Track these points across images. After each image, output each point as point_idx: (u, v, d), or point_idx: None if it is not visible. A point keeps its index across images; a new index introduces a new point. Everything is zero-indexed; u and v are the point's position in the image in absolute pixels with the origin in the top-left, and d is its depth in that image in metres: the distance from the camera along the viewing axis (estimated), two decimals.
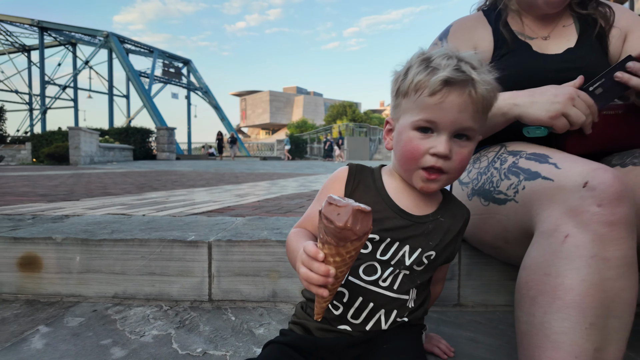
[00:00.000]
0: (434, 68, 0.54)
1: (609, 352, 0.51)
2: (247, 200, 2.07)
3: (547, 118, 0.70)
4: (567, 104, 0.69)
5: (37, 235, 1.03)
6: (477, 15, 1.00)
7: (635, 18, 0.94)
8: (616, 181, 0.54)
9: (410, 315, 0.61)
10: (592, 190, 0.54)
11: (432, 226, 0.61)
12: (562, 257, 0.54)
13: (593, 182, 0.55)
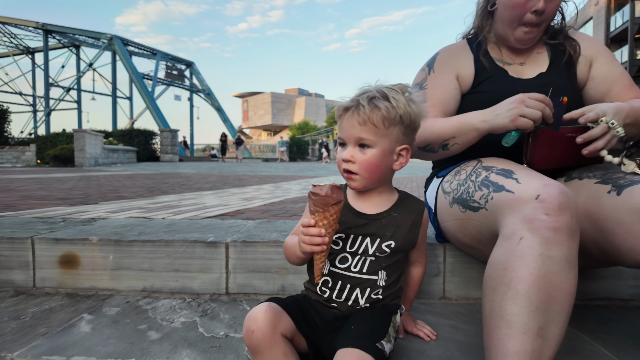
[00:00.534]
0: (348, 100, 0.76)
1: (550, 330, 0.65)
2: (254, 204, 2.21)
3: (510, 122, 0.83)
4: (520, 106, 0.83)
5: (74, 236, 1.17)
6: (461, 44, 1.14)
7: (599, 47, 1.08)
8: (561, 195, 0.68)
9: (385, 292, 0.76)
10: (542, 202, 0.68)
11: (386, 221, 0.77)
12: (517, 255, 0.67)
13: (543, 195, 0.69)
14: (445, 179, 1.01)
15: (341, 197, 0.66)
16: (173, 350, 0.81)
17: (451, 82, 1.08)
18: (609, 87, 1.02)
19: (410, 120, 0.74)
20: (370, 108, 0.72)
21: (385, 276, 0.77)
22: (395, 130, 0.74)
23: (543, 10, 0.96)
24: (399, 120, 0.73)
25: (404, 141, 0.76)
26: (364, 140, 0.73)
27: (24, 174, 6.62)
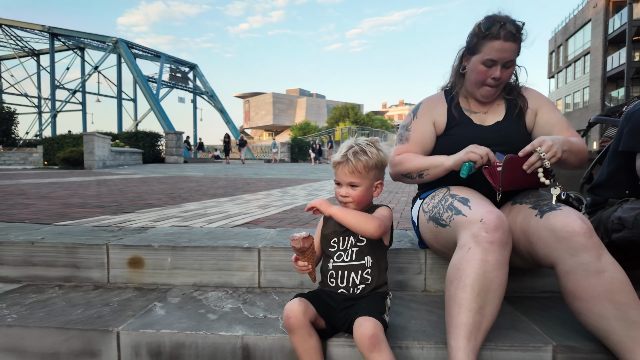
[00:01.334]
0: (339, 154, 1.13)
1: (487, 309, 0.98)
2: (270, 212, 2.54)
3: (464, 155, 1.16)
4: (472, 147, 1.16)
5: (138, 243, 1.51)
6: (439, 95, 1.48)
7: (542, 100, 1.42)
8: (497, 219, 1.02)
9: (372, 273, 1.09)
10: (484, 224, 1.02)
11: None
12: (466, 259, 1.01)
13: (485, 219, 1.02)
14: (424, 201, 1.35)
15: (310, 243, 1.07)
16: (229, 326, 1.15)
17: (428, 128, 1.41)
18: (550, 130, 1.35)
19: (381, 164, 1.14)
20: (355, 162, 1.09)
21: (371, 260, 1.11)
22: (372, 172, 1.11)
23: (500, 77, 1.29)
24: (374, 166, 1.11)
25: (378, 177, 1.14)
26: (353, 182, 1.11)
27: (40, 178, 6.96)
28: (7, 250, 1.54)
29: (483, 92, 1.35)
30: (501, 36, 1.25)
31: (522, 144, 1.20)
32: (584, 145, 1.28)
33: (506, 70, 1.30)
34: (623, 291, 0.97)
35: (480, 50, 1.29)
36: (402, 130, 1.47)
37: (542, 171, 1.15)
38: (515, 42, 1.27)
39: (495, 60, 1.27)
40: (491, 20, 1.27)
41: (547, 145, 1.12)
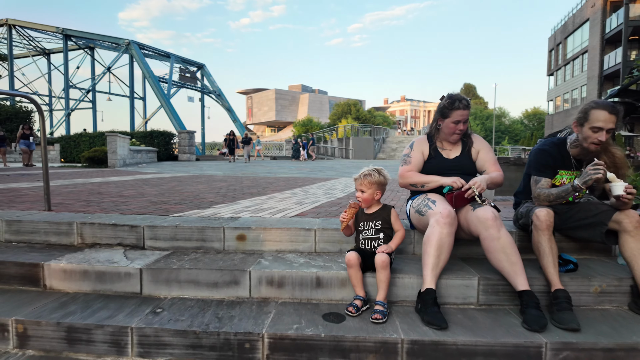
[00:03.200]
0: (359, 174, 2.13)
1: (441, 257, 1.97)
2: (306, 208, 3.54)
3: (451, 181, 2.15)
4: (455, 178, 2.15)
5: (241, 226, 2.51)
6: (424, 137, 2.47)
7: (482, 143, 2.40)
8: (448, 212, 2.02)
9: (385, 242, 2.09)
10: (441, 214, 2.02)
11: (375, 216, 2.11)
12: (432, 232, 2.00)
13: (441, 211, 2.02)
14: (413, 201, 2.34)
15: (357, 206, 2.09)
16: (306, 268, 2.14)
17: (420, 156, 2.40)
18: (483, 165, 2.35)
19: (380, 183, 2.10)
20: (364, 179, 2.09)
21: (383, 235, 2.10)
22: (374, 186, 2.09)
23: (463, 129, 2.28)
24: (375, 183, 2.08)
25: (378, 190, 2.11)
26: (363, 190, 2.09)
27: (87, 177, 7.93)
28: (160, 231, 2.54)
29: (453, 138, 2.34)
30: (460, 107, 2.25)
31: (470, 170, 2.21)
32: (500, 177, 2.27)
33: (464, 124, 2.29)
34: (509, 248, 1.96)
35: (450, 116, 2.28)
36: (405, 157, 2.45)
37: (477, 196, 2.14)
38: (467, 109, 2.25)
39: (459, 120, 2.27)
40: (453, 98, 2.26)
41: (477, 184, 2.11)
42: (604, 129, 2.00)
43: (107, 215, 2.90)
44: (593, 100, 2.12)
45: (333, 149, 30.03)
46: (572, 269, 2.17)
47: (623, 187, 1.94)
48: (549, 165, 2.20)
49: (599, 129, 2.00)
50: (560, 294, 1.92)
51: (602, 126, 2.00)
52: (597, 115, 2.01)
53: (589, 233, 2.16)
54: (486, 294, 2.07)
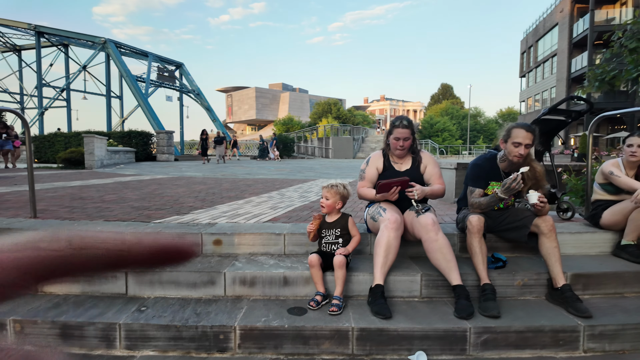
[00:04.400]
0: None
1: (389, 257, 2.32)
2: (279, 212, 3.84)
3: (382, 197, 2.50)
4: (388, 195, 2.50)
5: (217, 232, 2.79)
6: (379, 153, 2.81)
7: (429, 159, 2.76)
8: (395, 218, 2.36)
9: (343, 246, 2.43)
10: (389, 220, 2.36)
11: (335, 224, 2.45)
12: (381, 236, 2.35)
13: (390, 218, 2.37)
14: (369, 209, 2.68)
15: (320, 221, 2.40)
16: (275, 269, 2.45)
17: (374, 171, 2.74)
18: (430, 178, 2.71)
19: (343, 195, 2.44)
20: (331, 190, 2.40)
21: (341, 241, 2.44)
22: (337, 196, 2.42)
23: (403, 145, 2.63)
24: (339, 194, 2.41)
25: (340, 201, 2.44)
26: (328, 197, 2.42)
27: (65, 180, 7.98)
28: None
29: (397, 153, 2.69)
30: (400, 126, 2.60)
31: (419, 182, 2.57)
32: (441, 190, 2.64)
33: (406, 141, 2.64)
34: (445, 249, 2.32)
35: (393, 133, 2.63)
36: (361, 172, 2.78)
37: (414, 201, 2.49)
38: (407, 128, 2.61)
39: (399, 137, 2.62)
40: (396, 119, 2.62)
41: (417, 191, 2.47)
42: (523, 144, 2.42)
43: (93, 222, 3.13)
44: (514, 122, 2.54)
45: (313, 148, 30.34)
46: (501, 266, 2.55)
47: (537, 197, 2.33)
48: (482, 177, 2.58)
49: (519, 144, 2.42)
50: (487, 287, 2.29)
51: (521, 142, 2.42)
52: (516, 133, 2.42)
53: (515, 235, 2.55)
54: (428, 288, 2.43)
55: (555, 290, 2.36)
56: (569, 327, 2.10)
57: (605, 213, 2.87)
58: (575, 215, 3.40)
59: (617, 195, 2.89)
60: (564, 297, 2.30)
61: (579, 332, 2.09)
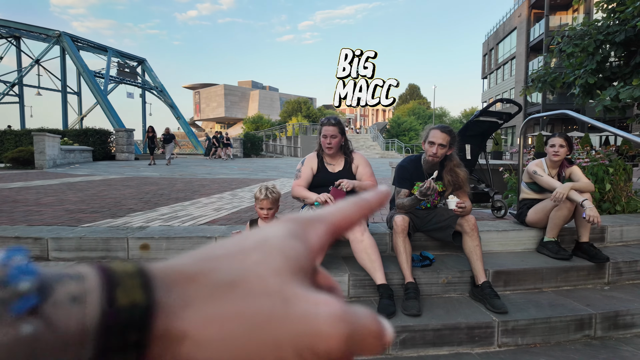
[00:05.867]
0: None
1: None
2: (222, 214, 3.77)
3: (316, 198, 2.50)
4: (324, 197, 2.49)
5: (146, 236, 2.70)
6: (314, 154, 2.80)
7: (361, 159, 2.78)
8: None
9: None
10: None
11: None
12: None
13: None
14: (302, 210, 2.67)
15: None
16: None
17: (309, 171, 2.73)
18: (361, 177, 2.73)
19: (277, 199, 2.38)
20: (270, 197, 2.34)
21: None
22: (277, 203, 2.38)
23: (331, 143, 2.63)
24: (277, 199, 2.36)
25: (276, 205, 2.40)
26: (270, 207, 2.34)
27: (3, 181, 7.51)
28: (65, 242, 2.66)
29: (327, 152, 2.70)
30: (326, 124, 2.62)
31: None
32: (370, 186, 2.66)
33: (333, 139, 2.65)
34: (370, 249, 2.35)
35: (321, 132, 2.64)
36: (297, 171, 2.77)
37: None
38: (334, 126, 2.62)
39: (327, 135, 2.62)
40: (324, 118, 2.63)
41: (345, 182, 2.48)
42: (436, 143, 2.51)
43: (13, 228, 2.95)
44: (436, 124, 2.63)
45: (282, 147, 30.18)
46: (429, 264, 2.61)
47: (455, 203, 2.41)
48: (406, 178, 2.63)
49: (433, 144, 2.52)
50: (410, 285, 2.33)
51: (434, 141, 2.52)
52: (433, 133, 2.52)
53: (441, 234, 2.62)
54: (355, 288, 2.45)
55: (476, 287, 2.43)
56: (484, 323, 2.17)
57: (530, 211, 2.99)
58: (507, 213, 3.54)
59: (541, 194, 3.02)
60: (483, 294, 2.37)
61: (493, 328, 2.17)
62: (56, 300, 0.15)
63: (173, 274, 0.18)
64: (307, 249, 0.21)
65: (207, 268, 0.18)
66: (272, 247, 0.19)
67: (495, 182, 4.65)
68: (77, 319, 0.15)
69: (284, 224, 0.21)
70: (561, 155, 2.94)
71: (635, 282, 2.77)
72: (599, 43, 5.59)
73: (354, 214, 0.23)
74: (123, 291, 0.16)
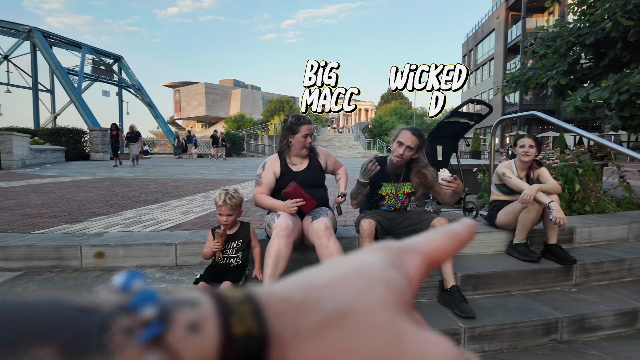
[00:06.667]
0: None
1: (279, 266, 2.22)
2: (189, 218, 3.63)
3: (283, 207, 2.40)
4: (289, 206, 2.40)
5: (100, 243, 2.55)
6: (275, 156, 2.69)
7: (327, 154, 2.70)
8: (286, 225, 2.26)
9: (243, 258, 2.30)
10: (279, 227, 2.26)
11: (236, 236, 2.30)
12: (270, 244, 2.24)
13: (280, 225, 2.26)
14: (268, 215, 2.57)
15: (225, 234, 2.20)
16: (158, 284, 2.27)
17: (271, 176, 2.62)
18: (333, 169, 2.65)
19: (241, 203, 2.27)
20: (229, 203, 2.23)
21: (241, 255, 2.30)
22: (237, 208, 2.27)
23: (310, 142, 2.54)
24: (238, 204, 2.26)
25: (238, 211, 2.29)
26: (230, 213, 2.24)
27: None
28: (13, 251, 2.48)
29: (304, 152, 2.60)
30: (306, 122, 2.52)
31: (318, 182, 2.49)
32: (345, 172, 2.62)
33: (311, 137, 2.56)
34: (337, 254, 2.26)
35: (299, 131, 2.54)
36: (257, 177, 2.66)
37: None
38: (310, 124, 2.53)
39: (307, 134, 2.53)
40: (299, 116, 2.53)
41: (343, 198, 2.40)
42: (404, 144, 2.47)
43: None
44: (408, 126, 2.56)
45: (264, 146, 29.92)
46: None
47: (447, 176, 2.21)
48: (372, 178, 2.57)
49: (401, 144, 2.48)
50: None
51: (403, 142, 2.47)
52: (403, 134, 2.48)
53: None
54: None
55: (445, 291, 2.38)
56: (451, 330, 2.12)
57: (500, 213, 2.97)
58: (479, 215, 3.52)
59: (510, 196, 3.01)
60: (452, 298, 2.33)
61: (460, 334, 2.12)
62: (177, 328, 0.15)
63: (280, 302, 0.18)
64: (407, 280, 0.20)
65: (312, 297, 0.18)
66: (374, 277, 0.19)
67: (470, 182, 4.65)
68: (197, 348, 0.15)
69: (379, 252, 0.21)
70: (531, 155, 2.92)
71: (602, 284, 2.78)
72: (570, 45, 5.68)
73: (447, 247, 0.23)
74: (238, 319, 0.16)
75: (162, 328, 0.15)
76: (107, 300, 0.15)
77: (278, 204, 2.45)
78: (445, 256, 0.23)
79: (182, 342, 0.15)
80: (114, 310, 0.15)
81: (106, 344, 0.14)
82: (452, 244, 0.23)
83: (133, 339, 0.14)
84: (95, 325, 0.14)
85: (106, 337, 0.14)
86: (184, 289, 2.15)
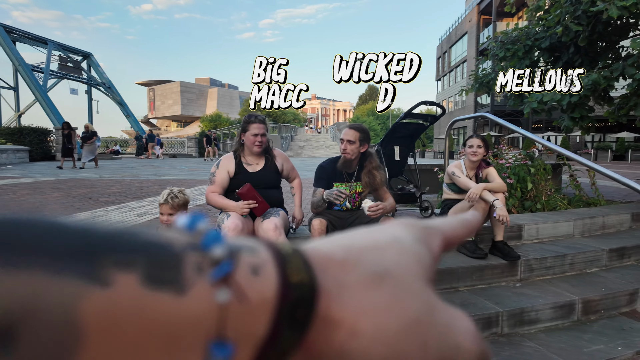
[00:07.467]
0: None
1: None
2: (144, 219, 3.56)
3: (236, 208, 2.38)
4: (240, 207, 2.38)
5: None
6: (230, 155, 2.68)
7: (283, 155, 2.71)
8: (235, 226, 2.25)
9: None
10: (228, 227, 2.25)
11: None
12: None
13: (229, 225, 2.25)
14: (219, 216, 2.54)
15: None
16: None
17: (225, 175, 2.60)
18: (289, 173, 2.67)
19: (181, 204, 2.24)
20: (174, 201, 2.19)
21: None
22: (179, 208, 2.24)
23: (262, 141, 2.53)
24: (182, 204, 2.23)
25: (180, 210, 2.25)
26: (171, 213, 2.19)
27: None
28: None
29: (255, 150, 2.59)
30: (256, 121, 2.51)
31: (273, 183, 2.50)
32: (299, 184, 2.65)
33: (264, 137, 2.55)
34: None
35: (249, 129, 2.53)
36: (211, 175, 2.63)
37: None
38: (262, 123, 2.53)
39: (257, 133, 2.52)
40: (250, 115, 2.53)
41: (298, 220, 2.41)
42: (345, 139, 2.56)
43: None
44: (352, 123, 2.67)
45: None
46: None
47: (367, 207, 2.38)
48: (323, 178, 2.59)
49: (342, 140, 2.58)
50: None
51: (343, 137, 2.58)
52: (344, 131, 2.61)
53: None
54: None
55: None
56: None
57: (450, 211, 3.05)
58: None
59: (460, 195, 3.09)
60: None
61: None
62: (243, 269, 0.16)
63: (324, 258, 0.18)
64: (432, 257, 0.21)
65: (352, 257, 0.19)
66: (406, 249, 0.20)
67: (431, 182, 4.76)
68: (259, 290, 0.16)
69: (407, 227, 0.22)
70: (479, 155, 3.02)
71: (544, 278, 2.90)
72: (527, 48, 5.89)
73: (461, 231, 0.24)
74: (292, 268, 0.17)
75: (232, 267, 0.15)
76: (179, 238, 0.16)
77: (230, 204, 2.44)
78: (458, 239, 0.24)
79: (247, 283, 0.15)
80: (186, 247, 0.15)
81: (181, 277, 0.14)
82: (465, 229, 0.25)
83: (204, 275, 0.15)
84: (173, 258, 0.14)
85: (182, 271, 0.14)
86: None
